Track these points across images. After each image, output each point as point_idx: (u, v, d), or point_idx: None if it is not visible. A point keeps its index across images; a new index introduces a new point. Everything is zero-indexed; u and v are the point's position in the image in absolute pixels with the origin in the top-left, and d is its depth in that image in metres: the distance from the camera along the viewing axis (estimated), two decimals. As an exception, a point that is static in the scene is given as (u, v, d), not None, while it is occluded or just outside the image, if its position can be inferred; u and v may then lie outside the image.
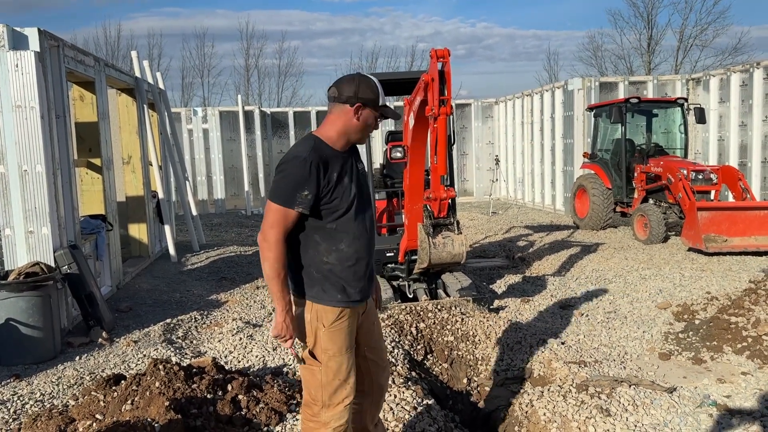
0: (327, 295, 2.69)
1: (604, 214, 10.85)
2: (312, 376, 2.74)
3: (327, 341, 2.69)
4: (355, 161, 2.80)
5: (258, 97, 33.49)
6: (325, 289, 2.69)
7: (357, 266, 2.72)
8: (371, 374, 2.96)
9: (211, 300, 7.25)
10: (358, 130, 2.71)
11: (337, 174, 2.63)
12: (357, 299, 2.74)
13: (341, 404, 2.72)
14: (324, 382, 2.70)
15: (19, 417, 3.99)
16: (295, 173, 2.56)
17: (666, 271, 7.31)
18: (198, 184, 16.76)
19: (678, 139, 10.97)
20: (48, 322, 5.14)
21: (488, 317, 5.42)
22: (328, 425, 2.71)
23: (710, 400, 4.06)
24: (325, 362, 2.69)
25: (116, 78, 8.31)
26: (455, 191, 5.13)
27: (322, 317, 2.69)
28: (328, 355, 2.69)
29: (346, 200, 2.65)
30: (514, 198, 17.40)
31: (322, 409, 2.73)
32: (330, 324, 2.68)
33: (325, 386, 2.70)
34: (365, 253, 2.75)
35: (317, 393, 2.73)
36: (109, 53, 30.72)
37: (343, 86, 2.67)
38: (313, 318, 2.70)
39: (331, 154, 2.66)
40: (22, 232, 5.57)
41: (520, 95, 16.35)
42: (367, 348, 2.94)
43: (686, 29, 28.12)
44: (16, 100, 5.46)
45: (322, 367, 2.70)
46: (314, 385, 2.74)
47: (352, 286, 2.71)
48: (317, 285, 2.70)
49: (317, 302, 2.70)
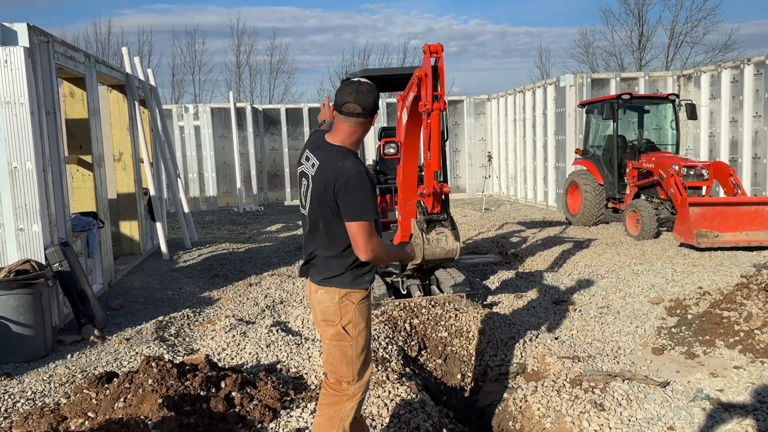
0: (359, 280, 2.99)
1: (596, 210, 10.87)
2: (341, 353, 2.99)
3: (358, 315, 2.98)
4: None
5: (250, 94, 33.38)
6: (358, 276, 2.99)
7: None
8: None
9: (204, 297, 7.22)
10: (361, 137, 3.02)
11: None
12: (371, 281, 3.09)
13: (367, 374, 3.06)
14: (354, 356, 2.98)
15: (11, 415, 3.95)
16: (369, 186, 2.86)
17: (658, 267, 7.34)
18: (190, 182, 16.68)
19: (669, 135, 11.01)
20: (39, 319, 5.10)
21: (482, 313, 5.42)
22: (354, 397, 3.01)
23: (703, 394, 4.08)
24: (355, 336, 2.97)
25: (107, 74, 8.25)
26: (449, 187, 5.11)
27: (352, 296, 2.98)
28: (359, 329, 2.98)
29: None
30: (507, 194, 17.42)
31: (350, 384, 3.00)
32: (358, 302, 2.99)
33: (356, 359, 2.99)
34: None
35: (348, 369, 2.99)
36: (99, 50, 30.51)
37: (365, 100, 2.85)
38: (343, 297, 2.97)
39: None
40: (13, 230, 5.52)
41: (513, 92, 16.36)
42: None
43: (677, 26, 28.20)
44: (5, 97, 5.40)
45: (353, 342, 2.97)
46: (344, 360, 2.99)
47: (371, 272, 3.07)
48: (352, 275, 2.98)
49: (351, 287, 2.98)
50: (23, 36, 5.55)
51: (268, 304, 6.70)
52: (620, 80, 13.51)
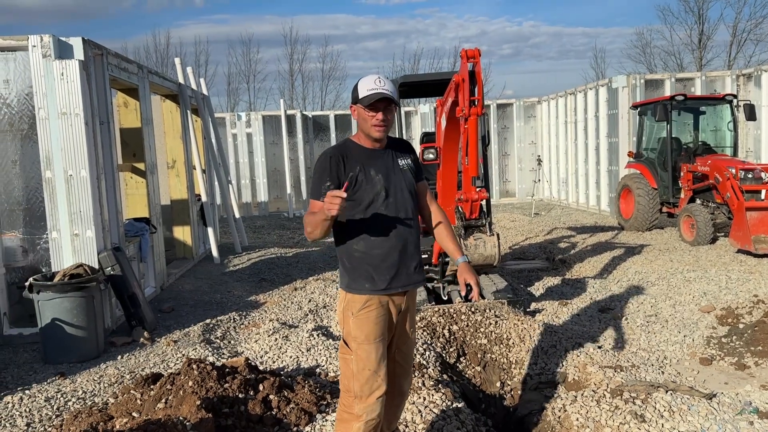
0: (356, 284, 2.83)
1: (650, 215, 10.59)
2: (346, 366, 2.85)
3: (355, 328, 2.80)
4: (396, 157, 2.94)
5: (302, 100, 33.95)
6: (354, 278, 2.83)
7: (386, 255, 2.82)
8: (395, 377, 3.01)
9: (250, 301, 7.38)
10: (361, 125, 2.86)
11: (361, 167, 2.80)
12: (383, 288, 2.82)
13: (373, 396, 2.79)
14: (355, 371, 2.79)
15: (62, 413, 4.14)
16: (319, 168, 2.82)
17: (712, 274, 7.08)
18: (242, 187, 17.06)
19: (727, 137, 10.62)
20: (92, 322, 5.32)
21: (523, 320, 5.35)
22: (360, 418, 2.79)
23: (752, 407, 3.91)
24: (355, 350, 2.80)
25: (159, 84, 8.53)
26: (487, 193, 5.08)
27: (351, 305, 2.83)
28: (357, 343, 2.79)
29: (371, 191, 2.80)
30: (558, 199, 17.12)
31: (355, 401, 2.81)
32: (357, 311, 2.80)
33: (357, 376, 2.79)
34: (396, 242, 2.84)
35: (350, 383, 2.83)
36: (158, 60, 31.62)
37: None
38: (345, 306, 2.86)
39: (357, 150, 2.86)
40: (68, 235, 5.77)
41: (563, 94, 16.08)
42: (398, 351, 3.01)
43: (740, 23, 27.19)
44: (61, 107, 5.67)
45: (353, 356, 2.80)
46: (348, 374, 2.84)
47: (380, 274, 2.81)
48: (348, 274, 2.86)
49: (348, 291, 2.85)
50: (78, 49, 5.81)
51: (311, 309, 6.79)
52: (675, 81, 13.11)
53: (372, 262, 2.81)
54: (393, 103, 2.79)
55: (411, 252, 2.89)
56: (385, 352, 2.85)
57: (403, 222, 2.85)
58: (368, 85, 2.78)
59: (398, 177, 2.89)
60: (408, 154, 3.00)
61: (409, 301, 2.98)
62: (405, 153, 2.99)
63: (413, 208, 2.94)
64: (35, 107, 5.70)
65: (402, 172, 2.92)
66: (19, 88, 5.92)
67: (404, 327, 2.99)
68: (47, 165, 5.72)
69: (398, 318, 2.93)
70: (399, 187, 2.87)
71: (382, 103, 2.76)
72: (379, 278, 2.81)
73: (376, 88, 2.76)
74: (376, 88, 2.77)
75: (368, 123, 2.80)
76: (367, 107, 2.77)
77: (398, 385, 3.03)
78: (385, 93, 2.75)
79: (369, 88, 2.76)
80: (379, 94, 2.75)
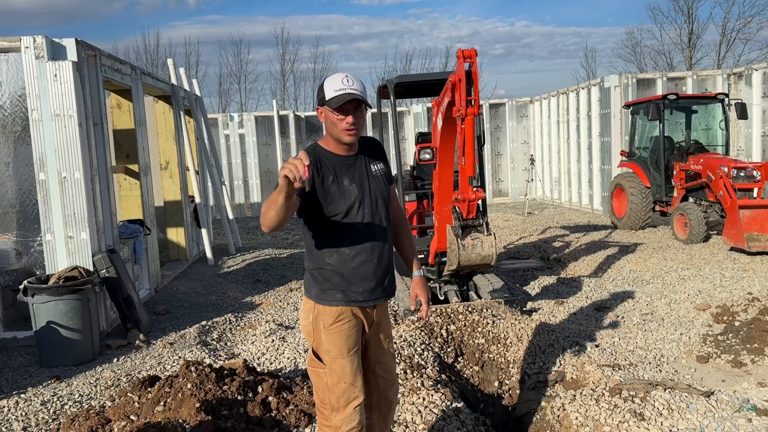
0: (326, 296, 2.68)
1: (643, 214, 10.63)
2: (319, 379, 2.72)
3: (328, 342, 2.67)
4: (368, 162, 2.76)
5: (294, 101, 33.88)
6: (324, 290, 2.69)
7: (360, 267, 2.68)
8: (379, 389, 2.90)
9: (246, 302, 7.35)
10: (330, 129, 2.63)
11: (334, 176, 2.63)
12: (357, 299, 2.70)
13: (350, 406, 2.66)
14: (330, 384, 2.67)
15: (59, 417, 4.10)
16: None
17: (706, 272, 7.12)
18: (235, 188, 17.01)
19: (719, 135, 10.67)
20: (87, 324, 5.28)
21: (520, 319, 5.36)
22: (339, 429, 2.67)
23: (750, 405, 3.93)
24: (329, 364, 2.67)
25: (152, 85, 8.49)
26: (484, 192, 5.08)
27: (322, 318, 2.68)
28: (330, 357, 2.67)
29: (345, 202, 2.63)
30: (551, 198, 17.16)
31: (332, 413, 2.69)
32: (329, 325, 2.67)
33: (332, 389, 2.67)
34: (371, 254, 2.70)
35: (325, 396, 2.70)
36: (148, 61, 31.45)
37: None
38: (315, 318, 2.71)
39: (329, 157, 2.66)
40: (62, 237, 5.73)
41: (556, 93, 16.13)
42: (377, 364, 2.88)
43: (729, 22, 27.35)
44: (55, 109, 5.62)
45: (327, 369, 2.68)
46: (322, 388, 2.71)
47: (354, 286, 2.68)
48: (318, 286, 2.71)
49: (318, 302, 2.71)
50: (71, 50, 5.77)
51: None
52: (667, 80, 13.17)
53: (345, 275, 2.66)
54: (363, 103, 2.57)
55: (384, 264, 2.76)
56: (360, 362, 2.73)
57: (377, 232, 2.71)
58: (335, 84, 2.56)
59: (372, 185, 2.73)
60: (380, 159, 2.83)
61: (381, 313, 2.85)
62: (377, 157, 2.81)
63: (386, 216, 2.78)
64: (28, 109, 5.66)
65: (375, 179, 2.75)
66: (12, 90, 5.87)
67: (378, 339, 2.86)
68: (41, 167, 5.68)
69: (371, 330, 2.81)
70: (373, 196, 2.72)
71: (352, 104, 2.54)
72: (352, 291, 2.68)
73: (344, 89, 2.54)
74: (344, 88, 2.54)
75: (338, 127, 2.58)
76: (335, 110, 2.55)
77: (384, 397, 2.92)
78: (355, 93, 2.53)
79: (336, 89, 2.54)
80: (348, 95, 2.52)
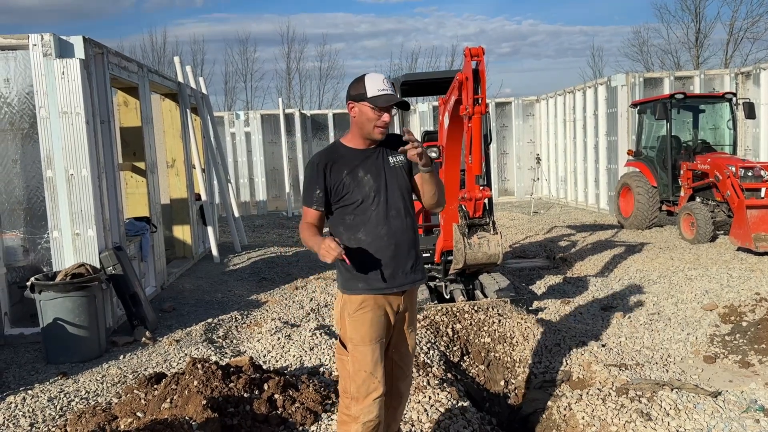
0: (350, 285, 2.82)
1: (650, 213, 10.60)
2: (342, 367, 2.85)
3: (351, 330, 2.79)
4: (386, 154, 2.86)
5: (299, 99, 33.87)
6: (347, 279, 2.82)
7: (377, 255, 2.78)
8: (393, 377, 2.96)
9: (252, 300, 7.36)
10: (362, 125, 2.78)
11: (349, 170, 2.78)
12: (379, 287, 2.79)
13: (369, 398, 2.75)
14: (351, 372, 2.78)
15: (65, 413, 4.11)
16: (307, 176, 2.84)
17: (713, 272, 7.09)
18: (240, 186, 17.03)
19: (726, 135, 10.63)
20: (93, 321, 5.30)
21: (526, 319, 5.35)
22: (358, 419, 2.76)
23: (757, 405, 3.92)
24: (351, 351, 2.79)
25: (159, 83, 8.50)
26: (491, 191, 5.07)
27: (348, 306, 2.81)
28: (353, 344, 2.78)
29: (360, 192, 2.78)
30: (557, 197, 17.13)
31: (351, 402, 2.79)
32: (353, 312, 2.79)
33: (353, 377, 2.77)
34: (388, 242, 2.79)
35: (347, 384, 2.81)
36: (155, 59, 31.49)
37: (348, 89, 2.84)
38: (342, 307, 2.86)
39: (346, 153, 2.83)
40: (69, 234, 5.75)
41: (562, 92, 16.08)
42: (395, 350, 2.95)
43: (736, 21, 27.22)
44: (62, 107, 5.64)
45: (350, 357, 2.79)
46: (344, 376, 2.84)
47: (374, 274, 2.78)
48: (343, 275, 2.85)
49: (344, 292, 2.85)
50: (79, 48, 5.77)
51: (313, 308, 6.77)
52: (674, 79, 13.13)
53: (364, 263, 2.76)
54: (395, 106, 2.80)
55: (405, 251, 2.83)
56: (382, 353, 2.81)
57: (393, 221, 2.80)
58: (378, 84, 2.72)
59: (389, 175, 2.82)
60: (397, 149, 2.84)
61: (408, 302, 2.91)
62: (394, 148, 2.86)
63: (406, 206, 2.86)
64: (36, 106, 5.67)
65: (393, 170, 2.84)
66: (20, 87, 5.89)
67: (402, 327, 2.94)
68: (48, 164, 5.69)
69: (396, 318, 2.87)
70: (389, 187, 2.81)
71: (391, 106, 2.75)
72: (373, 278, 2.77)
73: (387, 90, 2.72)
74: (386, 89, 2.72)
75: (372, 124, 2.75)
76: (377, 108, 2.72)
77: (395, 387, 2.97)
78: (398, 97, 2.75)
79: (380, 89, 2.71)
80: (394, 97, 2.72)
